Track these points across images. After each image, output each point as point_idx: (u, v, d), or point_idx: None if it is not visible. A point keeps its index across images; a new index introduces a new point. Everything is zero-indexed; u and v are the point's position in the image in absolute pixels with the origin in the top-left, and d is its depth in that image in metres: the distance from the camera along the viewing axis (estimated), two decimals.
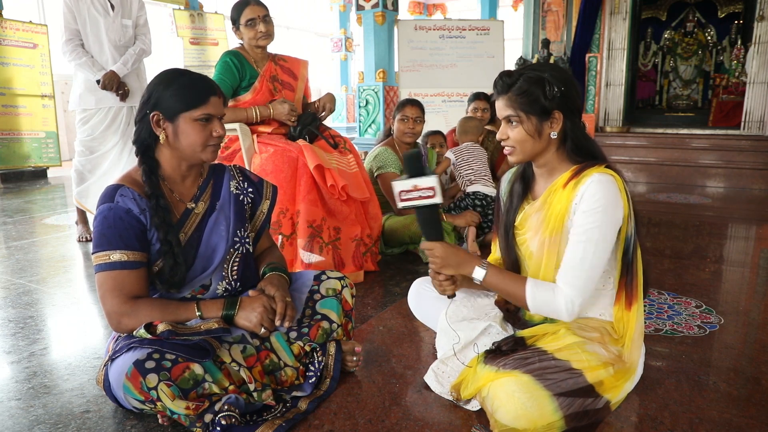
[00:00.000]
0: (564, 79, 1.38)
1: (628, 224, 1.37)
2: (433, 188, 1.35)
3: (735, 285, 2.55)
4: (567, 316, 1.36)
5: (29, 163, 5.95)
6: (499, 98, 1.42)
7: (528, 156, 1.43)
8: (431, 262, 1.46)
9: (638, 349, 1.41)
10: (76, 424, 1.36)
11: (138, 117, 1.44)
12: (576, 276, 1.34)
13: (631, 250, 1.38)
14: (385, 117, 6.90)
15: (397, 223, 2.87)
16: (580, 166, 1.39)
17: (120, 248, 1.34)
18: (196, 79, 1.43)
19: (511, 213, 1.52)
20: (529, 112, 1.38)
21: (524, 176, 1.54)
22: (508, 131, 1.42)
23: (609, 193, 1.31)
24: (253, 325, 1.41)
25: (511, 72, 1.42)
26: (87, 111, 3.26)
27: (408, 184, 1.36)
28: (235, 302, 1.42)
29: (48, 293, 2.41)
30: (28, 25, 5.83)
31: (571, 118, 1.40)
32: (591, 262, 1.32)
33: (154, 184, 1.40)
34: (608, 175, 1.34)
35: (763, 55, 6.16)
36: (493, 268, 1.43)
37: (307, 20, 12.42)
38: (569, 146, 1.41)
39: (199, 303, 1.40)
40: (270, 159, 2.44)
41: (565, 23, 7.54)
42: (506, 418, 1.21)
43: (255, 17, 2.53)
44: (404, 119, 3.04)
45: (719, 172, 5.85)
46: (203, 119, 1.40)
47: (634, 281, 1.39)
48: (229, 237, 1.50)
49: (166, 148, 1.44)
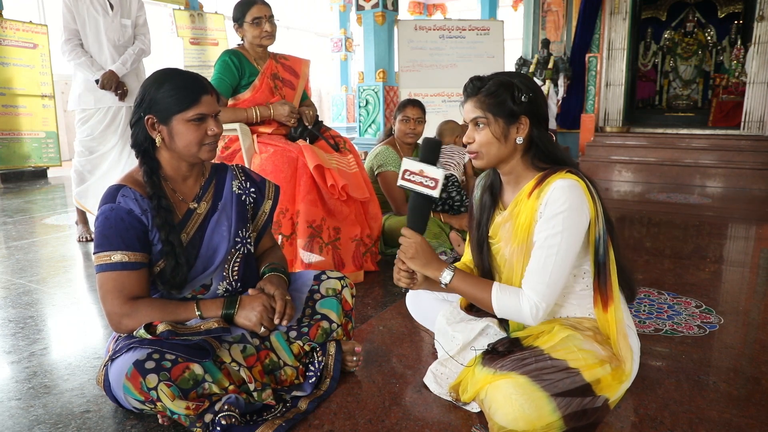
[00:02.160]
0: (533, 87, 1.40)
1: (596, 226, 1.37)
2: (437, 180, 1.35)
3: (735, 285, 2.55)
4: (532, 320, 1.36)
5: (29, 163, 5.95)
6: (468, 101, 1.43)
7: (493, 161, 1.43)
8: (402, 249, 1.44)
9: (627, 349, 1.40)
10: (76, 424, 1.36)
11: (133, 120, 1.43)
12: (539, 281, 1.34)
13: (602, 251, 1.38)
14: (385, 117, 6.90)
15: (397, 223, 2.87)
16: (543, 173, 1.40)
17: (121, 249, 1.34)
18: (187, 78, 1.41)
19: (482, 226, 1.53)
20: (496, 114, 1.39)
21: (492, 187, 1.54)
22: (474, 134, 1.42)
23: (572, 198, 1.32)
24: (252, 324, 1.41)
25: (481, 77, 1.43)
26: (86, 111, 3.26)
27: (417, 166, 1.36)
28: (234, 301, 1.42)
29: (48, 293, 2.41)
30: (28, 25, 5.83)
31: (538, 126, 1.41)
32: (554, 267, 1.33)
33: (155, 184, 1.40)
34: (571, 179, 1.34)
35: (762, 55, 6.17)
36: (460, 272, 1.43)
37: (307, 20, 12.42)
38: (534, 153, 1.43)
39: (199, 303, 1.40)
40: (270, 159, 2.44)
41: (565, 23, 7.55)
42: (505, 420, 1.21)
43: (261, 16, 2.53)
44: (405, 120, 3.05)
45: (719, 172, 5.85)
46: (197, 119, 1.39)
47: (608, 282, 1.39)
48: (231, 237, 1.49)
49: (164, 149, 1.43)
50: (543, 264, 1.34)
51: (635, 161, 6.32)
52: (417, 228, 1.43)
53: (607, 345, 1.38)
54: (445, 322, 1.56)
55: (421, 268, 1.43)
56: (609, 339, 1.40)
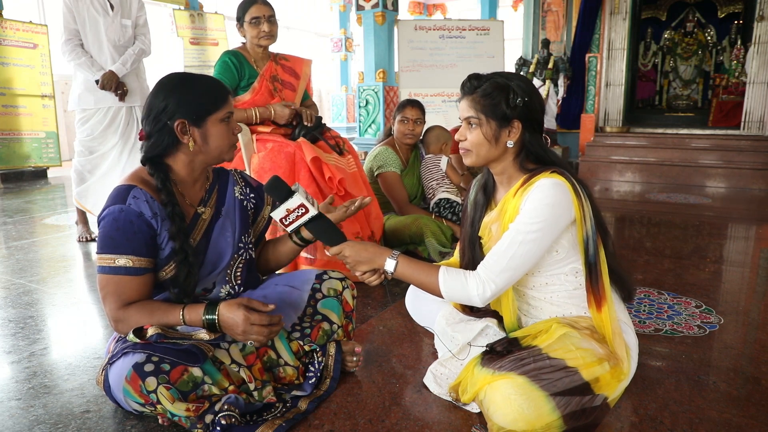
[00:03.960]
0: (529, 91, 1.40)
1: (582, 227, 1.37)
2: (303, 205, 1.37)
3: (735, 285, 2.55)
4: (478, 299, 1.36)
5: (29, 163, 5.95)
6: (464, 99, 1.44)
7: (482, 160, 1.45)
8: (347, 265, 1.45)
9: (624, 349, 1.40)
10: (76, 424, 1.37)
11: (153, 128, 1.35)
12: (495, 261, 1.35)
13: (592, 251, 1.38)
14: (385, 117, 6.90)
15: (397, 223, 2.87)
16: (529, 174, 1.40)
17: (127, 253, 1.30)
18: (209, 80, 1.41)
19: (475, 223, 1.54)
20: (489, 116, 1.39)
21: (485, 187, 1.56)
22: (466, 133, 1.44)
23: (553, 196, 1.32)
24: (239, 338, 1.32)
25: (480, 75, 1.43)
26: (86, 111, 3.26)
27: (282, 211, 1.39)
28: (214, 306, 1.32)
29: (48, 293, 2.41)
30: (28, 25, 5.83)
31: (531, 130, 1.42)
32: (515, 254, 1.33)
33: (170, 191, 1.35)
34: (555, 179, 1.34)
35: (762, 55, 6.16)
36: (404, 258, 1.43)
37: (307, 20, 12.42)
38: (525, 156, 1.43)
39: (184, 309, 1.33)
40: (267, 156, 2.45)
41: (565, 23, 7.54)
42: (504, 420, 1.21)
43: (260, 16, 2.53)
44: (404, 120, 3.04)
45: (719, 172, 5.85)
46: (227, 118, 1.39)
47: (600, 283, 1.39)
48: (235, 243, 1.48)
49: (187, 154, 1.38)
50: (506, 248, 1.34)
51: (635, 161, 6.32)
52: (336, 242, 1.44)
53: (605, 343, 1.38)
54: (445, 322, 1.57)
55: (370, 265, 1.43)
56: (603, 339, 1.40)
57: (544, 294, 1.47)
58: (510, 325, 1.50)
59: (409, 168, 3.14)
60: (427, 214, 2.97)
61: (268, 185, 1.39)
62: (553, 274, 1.44)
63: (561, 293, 1.45)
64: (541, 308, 1.49)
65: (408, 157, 3.16)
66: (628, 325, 1.48)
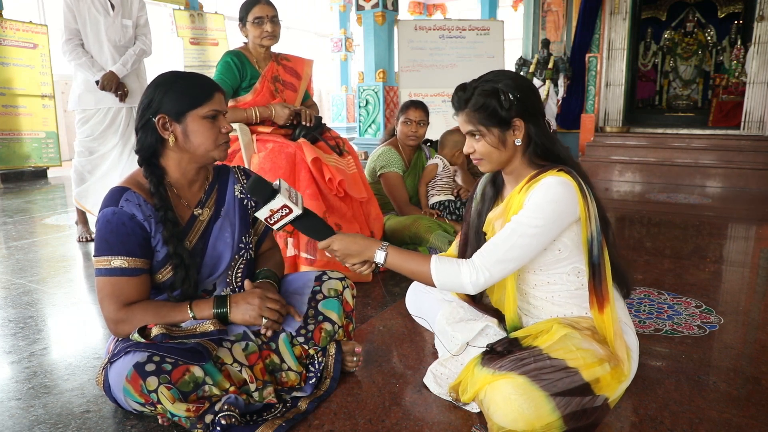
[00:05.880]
0: (519, 86, 1.39)
1: (587, 227, 1.37)
2: (286, 206, 1.35)
3: (735, 285, 2.55)
4: (471, 286, 1.36)
5: (29, 163, 5.95)
6: (458, 114, 1.44)
7: (497, 165, 1.45)
8: (337, 258, 1.45)
9: (625, 350, 1.40)
10: (76, 424, 1.37)
11: (140, 124, 1.39)
12: (491, 251, 1.35)
13: (596, 251, 1.38)
14: (385, 117, 6.91)
15: (398, 224, 2.88)
16: (537, 171, 1.40)
17: (121, 254, 1.31)
18: (197, 77, 1.42)
19: (483, 215, 1.54)
20: (489, 126, 1.39)
21: (495, 181, 1.56)
22: (473, 144, 1.44)
23: (557, 194, 1.32)
24: (252, 319, 1.37)
25: (465, 86, 1.42)
26: (86, 111, 3.26)
27: (265, 211, 1.36)
28: (224, 300, 1.38)
29: (48, 293, 2.41)
30: (28, 25, 5.83)
31: (533, 122, 1.41)
32: (513, 246, 1.33)
33: (162, 196, 1.36)
34: (562, 177, 1.34)
35: (762, 55, 6.16)
36: (394, 249, 1.43)
37: (307, 20, 12.42)
38: (533, 150, 1.42)
39: (192, 304, 1.37)
40: (268, 157, 2.44)
41: (565, 23, 7.55)
42: (504, 420, 1.21)
43: (263, 16, 2.52)
44: (407, 122, 3.04)
45: (719, 172, 5.84)
46: (211, 116, 1.38)
47: (603, 284, 1.39)
48: (235, 244, 1.48)
49: (175, 152, 1.40)
50: (504, 239, 1.35)
51: (635, 161, 6.32)
52: (324, 237, 1.43)
53: (606, 344, 1.38)
54: (445, 322, 1.56)
55: (360, 257, 1.43)
56: (604, 340, 1.40)
57: (546, 293, 1.47)
58: (512, 324, 1.50)
59: (411, 169, 3.15)
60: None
61: (250, 186, 1.36)
62: (555, 273, 1.44)
63: (562, 293, 1.45)
64: (542, 308, 1.49)
65: (410, 158, 3.16)
66: (628, 326, 1.48)
